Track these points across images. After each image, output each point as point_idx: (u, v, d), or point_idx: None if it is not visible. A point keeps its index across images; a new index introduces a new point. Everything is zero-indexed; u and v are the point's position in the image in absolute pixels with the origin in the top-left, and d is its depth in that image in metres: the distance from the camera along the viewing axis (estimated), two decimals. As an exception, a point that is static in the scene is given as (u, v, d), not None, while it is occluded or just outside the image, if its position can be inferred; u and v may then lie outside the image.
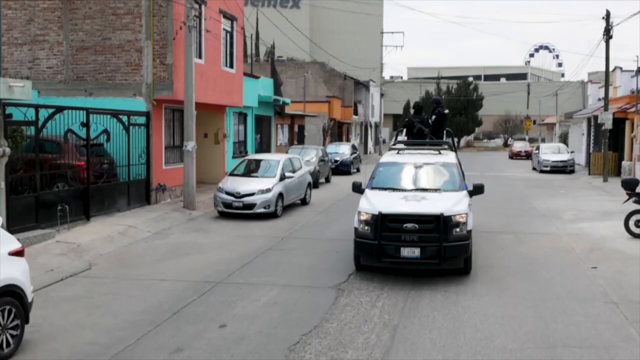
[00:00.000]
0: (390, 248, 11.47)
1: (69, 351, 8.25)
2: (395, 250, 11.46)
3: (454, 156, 14.32)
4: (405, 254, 11.41)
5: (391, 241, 11.47)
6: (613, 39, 33.36)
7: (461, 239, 11.57)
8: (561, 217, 20.08)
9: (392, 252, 11.48)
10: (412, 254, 11.40)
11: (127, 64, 20.05)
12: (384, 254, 11.50)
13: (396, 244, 11.45)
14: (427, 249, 11.37)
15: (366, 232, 11.73)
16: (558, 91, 74.36)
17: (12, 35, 20.65)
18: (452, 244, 11.44)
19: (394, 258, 11.52)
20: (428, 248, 11.37)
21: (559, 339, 8.78)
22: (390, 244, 11.47)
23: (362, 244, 11.84)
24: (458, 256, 11.71)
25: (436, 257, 11.37)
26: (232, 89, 25.42)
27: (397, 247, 11.43)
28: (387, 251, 11.49)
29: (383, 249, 11.48)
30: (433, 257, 11.39)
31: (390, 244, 11.47)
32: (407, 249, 11.42)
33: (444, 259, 11.39)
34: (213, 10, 22.64)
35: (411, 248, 11.41)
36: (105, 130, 17.73)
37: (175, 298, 10.63)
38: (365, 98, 65.38)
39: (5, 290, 7.88)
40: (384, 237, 11.45)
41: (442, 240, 11.30)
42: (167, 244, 15.37)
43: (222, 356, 8.09)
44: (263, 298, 10.67)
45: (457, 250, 11.57)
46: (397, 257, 11.48)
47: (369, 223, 11.68)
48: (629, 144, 35.23)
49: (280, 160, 20.74)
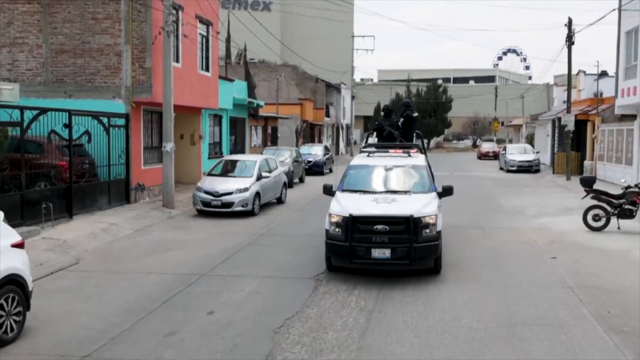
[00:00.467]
0: (361, 249, 11.60)
1: (68, 336, 8.84)
2: (366, 252, 11.58)
3: (423, 158, 14.54)
4: (376, 255, 11.56)
5: (362, 242, 11.59)
6: (575, 44, 34.54)
7: (431, 239, 11.74)
8: (525, 213, 21.07)
9: (363, 253, 11.60)
10: (382, 255, 11.55)
11: (107, 67, 20.57)
12: (355, 255, 11.63)
13: (367, 245, 11.57)
14: (398, 249, 11.52)
15: (337, 233, 11.84)
16: (524, 94, 75.98)
17: (-11, 38, 21.04)
18: (422, 245, 11.60)
19: (365, 259, 11.66)
20: (398, 249, 11.52)
21: (520, 319, 9.62)
22: (361, 245, 11.58)
23: (334, 245, 11.95)
24: (428, 256, 11.89)
25: (406, 258, 11.52)
26: (208, 91, 26.04)
27: (368, 249, 11.56)
28: (358, 252, 11.62)
29: (354, 250, 11.61)
30: (403, 258, 11.54)
31: (361, 245, 11.59)
32: (377, 250, 11.55)
33: (414, 260, 11.55)
34: (189, 15, 23.25)
35: (382, 249, 11.55)
36: (86, 132, 18.28)
37: (163, 289, 11.27)
38: (337, 100, 66.23)
39: (8, 280, 8.48)
40: (354, 238, 11.58)
41: (412, 241, 11.45)
42: (150, 240, 15.98)
43: (212, 339, 8.76)
44: (246, 288, 11.35)
45: (427, 251, 11.74)
46: (368, 258, 11.62)
47: (339, 225, 11.80)
48: (590, 145, 36.57)
49: (257, 161, 21.44)
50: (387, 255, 11.54)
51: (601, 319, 9.68)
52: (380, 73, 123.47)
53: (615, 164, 31.00)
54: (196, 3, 23.81)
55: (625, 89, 26.90)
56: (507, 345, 8.52)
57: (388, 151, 14.86)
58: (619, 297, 10.94)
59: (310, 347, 8.42)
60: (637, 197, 17.20)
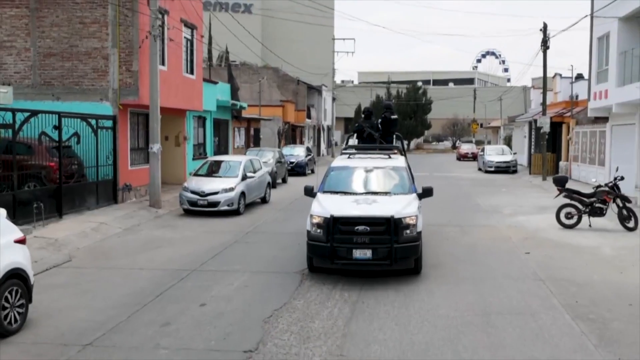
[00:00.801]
0: (342, 250, 11.72)
1: (67, 327, 9.33)
2: (347, 252, 11.71)
3: (403, 160, 14.69)
4: (357, 256, 11.69)
5: (343, 243, 11.71)
6: (554, 48, 35.75)
7: (411, 240, 11.87)
8: (501, 212, 21.82)
9: (344, 254, 11.73)
10: (364, 255, 11.68)
11: (94, 70, 21.02)
12: (336, 255, 11.76)
13: (348, 246, 11.69)
14: (379, 250, 11.65)
15: (319, 234, 11.95)
16: (502, 96, 77.17)
17: (-22, 41, 21.40)
18: (403, 245, 11.73)
19: (347, 260, 11.78)
20: (379, 249, 11.65)
21: (494, 308, 10.28)
22: (343, 246, 11.71)
23: (315, 246, 12.07)
24: (409, 257, 12.02)
25: (387, 258, 11.66)
26: (192, 94, 26.54)
27: (349, 249, 11.69)
28: (340, 253, 11.74)
29: (335, 251, 11.73)
30: (384, 258, 11.67)
31: (342, 246, 11.71)
32: (359, 251, 11.68)
33: (395, 260, 11.70)
34: (175, 19, 23.75)
35: (363, 250, 11.68)
36: (75, 133, 18.72)
37: (156, 284, 11.78)
38: (318, 102, 66.90)
39: (12, 274, 8.97)
40: (336, 239, 11.70)
41: (393, 242, 11.59)
42: (139, 238, 16.46)
43: (205, 328, 9.30)
44: (235, 282, 11.91)
45: (407, 251, 11.88)
46: (349, 258, 11.74)
47: (321, 226, 11.91)
48: (565, 146, 37.51)
49: (242, 161, 22.00)
50: (368, 256, 11.69)
51: (569, 308, 10.35)
52: (361, 75, 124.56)
53: (589, 165, 31.89)
54: (181, 7, 24.31)
55: (597, 92, 27.78)
56: (481, 332, 9.15)
57: (368, 153, 15.09)
58: (587, 289, 11.63)
59: (298, 335, 8.99)
60: (607, 196, 17.97)
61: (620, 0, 24.05)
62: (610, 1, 24.88)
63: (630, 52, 23.89)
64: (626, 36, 24.90)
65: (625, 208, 17.80)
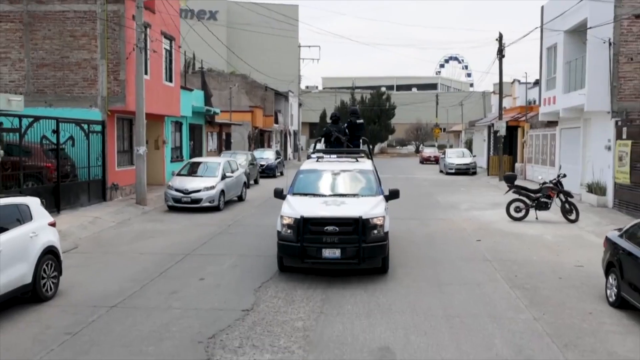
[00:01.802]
0: (312, 249, 12.09)
1: (93, 294, 11.18)
2: (317, 252, 12.08)
3: (370, 163, 15.15)
4: (326, 255, 12.08)
5: (313, 243, 12.09)
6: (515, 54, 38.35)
7: (379, 240, 12.30)
8: (458, 207, 24.09)
9: (314, 253, 12.10)
10: (333, 254, 12.07)
11: (84, 79, 22.78)
12: (306, 255, 12.13)
13: (318, 246, 12.07)
14: (347, 249, 12.04)
15: (289, 235, 12.31)
16: (463, 101, 79.83)
17: (-29, 54, 22.99)
18: (371, 245, 12.15)
19: (316, 259, 12.17)
20: (348, 249, 12.04)
21: (448, 280, 12.40)
22: (312, 246, 12.08)
23: (286, 246, 12.41)
24: (376, 256, 12.44)
25: (356, 257, 12.06)
26: (171, 100, 28.35)
27: (319, 249, 12.07)
28: (309, 252, 12.12)
29: (305, 251, 12.10)
30: (353, 257, 12.08)
31: (312, 245, 12.08)
32: (328, 250, 12.06)
33: (363, 259, 12.13)
34: (156, 32, 25.58)
35: (332, 249, 12.06)
36: (71, 137, 20.45)
37: (157, 265, 13.64)
38: (285, 108, 68.85)
39: (48, 250, 10.82)
40: (306, 239, 12.07)
41: (360, 242, 12.00)
42: (133, 230, 18.28)
43: (207, 295, 11.23)
44: (226, 263, 13.84)
45: (375, 251, 12.30)
46: (319, 257, 12.13)
47: (291, 226, 12.28)
48: (521, 148, 40.08)
49: (221, 162, 23.95)
50: (337, 255, 12.08)
51: (509, 280, 12.50)
52: (325, 80, 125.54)
53: (542, 166, 34.34)
54: (161, 20, 26.12)
55: (547, 98, 30.24)
56: (435, 297, 11.21)
57: (337, 156, 15.58)
58: (526, 266, 13.80)
59: (285, 300, 10.96)
60: (551, 192, 20.30)
61: (566, 15, 26.49)
62: (557, 15, 27.31)
63: (574, 61, 26.33)
64: (571, 47, 27.34)
65: (568, 202, 20.12)
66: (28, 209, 10.82)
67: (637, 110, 22.34)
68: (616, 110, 22.66)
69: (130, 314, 10.08)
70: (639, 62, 22.24)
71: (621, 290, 10.27)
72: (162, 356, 8.29)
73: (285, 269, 12.92)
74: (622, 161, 21.33)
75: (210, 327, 9.39)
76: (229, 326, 9.44)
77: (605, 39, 22.47)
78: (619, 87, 22.56)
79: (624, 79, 22.59)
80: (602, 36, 22.48)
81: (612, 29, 22.51)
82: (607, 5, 22.67)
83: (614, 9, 22.53)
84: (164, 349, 8.52)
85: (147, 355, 8.33)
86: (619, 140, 21.71)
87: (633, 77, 22.46)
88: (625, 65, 22.52)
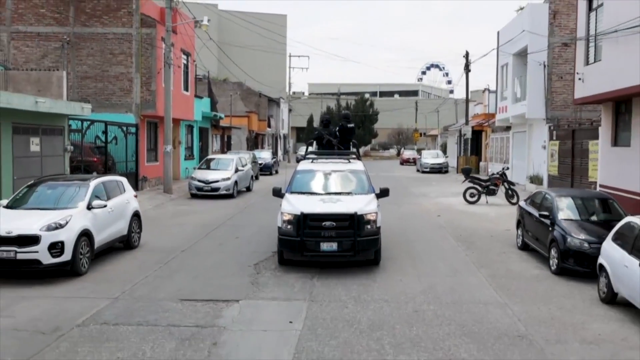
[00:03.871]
0: (311, 243, 12.85)
1: (163, 246, 16.01)
2: (315, 245, 12.85)
3: (361, 164, 16.10)
4: (324, 248, 12.86)
5: (312, 237, 12.84)
6: (483, 66, 43.86)
7: (372, 234, 13.17)
8: (428, 196, 29.36)
9: (312, 246, 12.87)
10: (330, 247, 12.87)
11: (121, 89, 27.69)
12: (305, 248, 12.91)
13: (316, 240, 12.84)
14: (343, 243, 12.83)
15: (289, 230, 13.07)
16: (439, 108, 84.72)
17: (29, 67, 27.74)
18: (365, 239, 12.97)
19: (315, 252, 12.95)
20: (344, 242, 12.83)
21: (413, 239, 17.52)
22: (311, 240, 12.84)
23: (286, 240, 13.21)
24: (369, 249, 13.31)
25: (351, 250, 12.87)
26: (187, 107, 33.32)
27: (317, 242, 12.84)
28: (309, 246, 12.88)
29: (305, 244, 12.86)
30: (348, 250, 12.88)
31: (311, 239, 12.84)
32: (326, 244, 12.84)
33: (357, 252, 12.95)
34: (177, 49, 30.55)
35: (329, 243, 12.85)
36: (115, 137, 25.34)
37: (200, 231, 18.55)
38: (277, 113, 73.72)
39: (135, 213, 15.77)
40: (305, 234, 12.84)
41: (356, 235, 12.80)
42: (169, 211, 23.18)
43: (244, 246, 16.13)
44: (250, 230, 18.76)
45: (369, 244, 13.14)
46: (317, 251, 12.91)
47: (291, 222, 13.05)
48: (484, 149, 45.47)
49: (234, 159, 28.95)
50: (334, 248, 12.89)
51: (456, 238, 17.61)
52: (311, 86, 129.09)
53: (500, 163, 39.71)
54: (181, 39, 31.11)
55: (501, 107, 35.90)
56: (403, 247, 16.25)
57: (330, 158, 16.49)
58: (470, 231, 18.90)
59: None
60: (498, 181, 25.60)
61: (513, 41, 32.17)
62: (507, 41, 32.97)
63: (519, 78, 32.02)
64: (518, 67, 33.28)
65: (511, 189, 25.37)
66: (123, 184, 15.81)
67: (566, 118, 28.07)
68: (549, 118, 28.47)
69: (196, 254, 15.05)
70: (567, 80, 27.89)
71: (524, 237, 15.46)
72: (230, 272, 13.23)
73: (285, 262, 13.78)
74: (553, 157, 26.81)
75: (253, 260, 14.32)
76: (265, 259, 14.40)
77: (541, 62, 28.23)
78: (551, 100, 28.37)
79: (556, 93, 28.51)
80: (539, 59, 28.25)
81: (547, 54, 28.23)
82: (542, 36, 28.31)
83: (547, 38, 28.19)
84: (228, 270, 13.45)
85: (219, 271, 13.30)
86: (551, 141, 27.23)
87: (562, 91, 28.24)
88: (556, 83, 28.42)
